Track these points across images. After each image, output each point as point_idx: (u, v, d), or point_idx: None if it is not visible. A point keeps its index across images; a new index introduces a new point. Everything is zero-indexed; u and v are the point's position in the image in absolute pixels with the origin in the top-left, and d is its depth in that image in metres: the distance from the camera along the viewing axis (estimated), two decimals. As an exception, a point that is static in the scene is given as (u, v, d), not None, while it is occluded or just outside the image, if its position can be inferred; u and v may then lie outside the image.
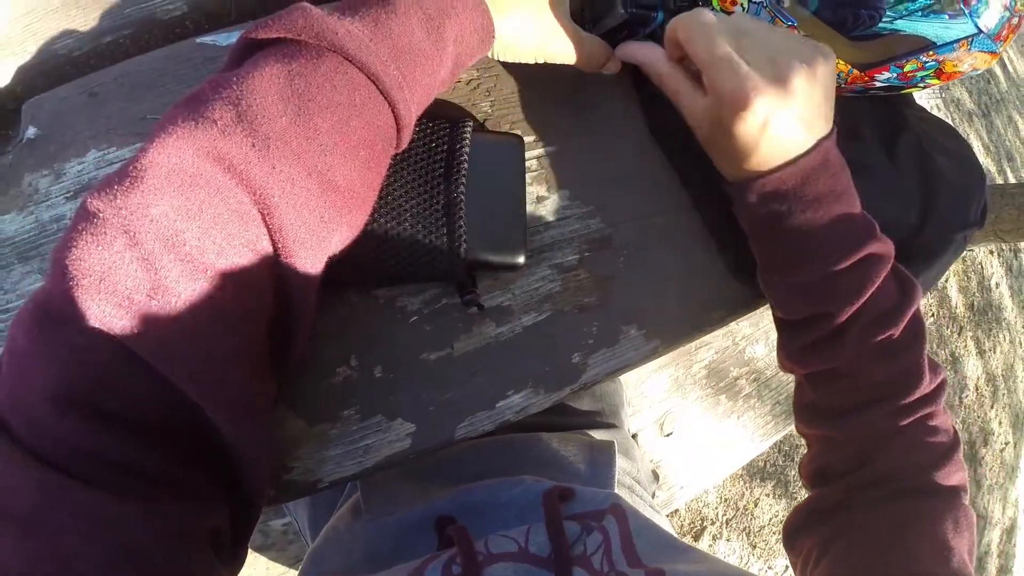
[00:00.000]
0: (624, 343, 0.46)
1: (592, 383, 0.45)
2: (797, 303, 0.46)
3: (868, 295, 0.43)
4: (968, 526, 0.43)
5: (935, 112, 0.98)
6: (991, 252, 3.41)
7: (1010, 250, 3.58)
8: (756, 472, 2.04)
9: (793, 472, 2.14)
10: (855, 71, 0.54)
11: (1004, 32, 0.52)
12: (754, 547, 1.96)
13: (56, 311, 0.25)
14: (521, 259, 0.40)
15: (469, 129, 0.39)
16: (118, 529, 0.25)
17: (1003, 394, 3.21)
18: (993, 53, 0.53)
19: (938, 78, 0.56)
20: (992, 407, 3.12)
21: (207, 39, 0.45)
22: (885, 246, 0.44)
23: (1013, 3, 0.51)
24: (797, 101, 0.39)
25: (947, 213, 0.62)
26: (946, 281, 3.05)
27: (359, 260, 0.36)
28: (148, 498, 0.26)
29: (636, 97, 0.52)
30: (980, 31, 0.50)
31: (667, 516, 1.74)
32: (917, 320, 0.45)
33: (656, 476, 0.83)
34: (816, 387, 0.49)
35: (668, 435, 1.05)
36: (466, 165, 0.38)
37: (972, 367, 3.07)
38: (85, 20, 0.47)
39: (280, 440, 0.40)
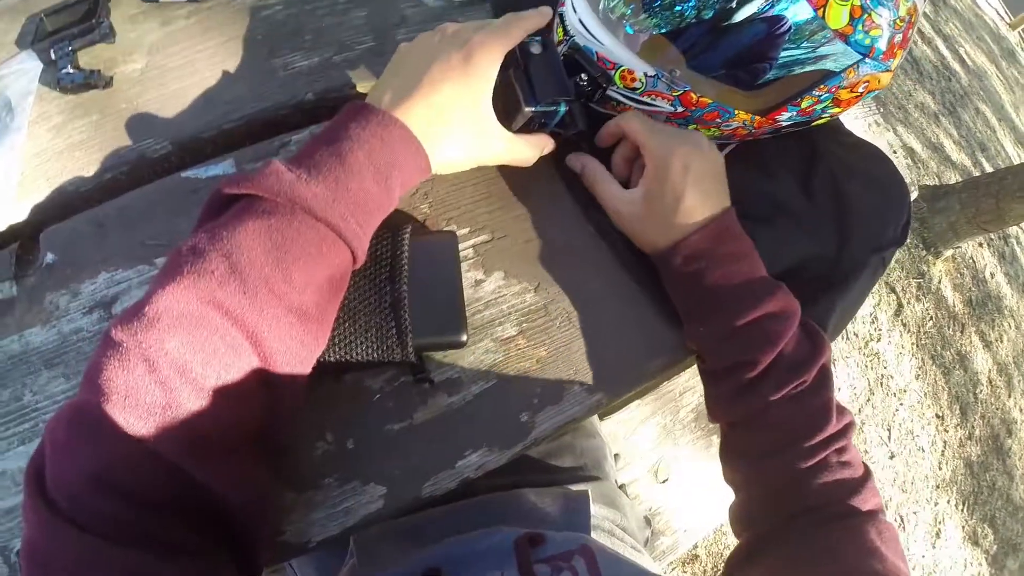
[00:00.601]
0: (568, 399, 0.56)
1: (543, 438, 0.55)
2: (722, 350, 0.56)
3: (782, 344, 0.54)
4: (892, 537, 0.51)
5: (876, 129, 1.05)
6: (980, 244, 3.51)
7: (999, 238, 3.68)
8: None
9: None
10: (757, 117, 0.62)
11: (892, 49, 0.58)
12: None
13: (91, 417, 0.34)
14: (463, 338, 0.50)
15: (407, 235, 0.50)
16: None
17: (1018, 381, 3.27)
18: (885, 71, 0.60)
19: (838, 106, 0.63)
20: (1010, 396, 3.18)
21: (190, 173, 0.57)
22: (792, 303, 0.56)
23: (894, 20, 0.56)
24: (706, 154, 0.58)
25: (862, 239, 0.69)
26: (939, 282, 3.13)
27: (326, 356, 0.47)
28: (168, 555, 0.35)
29: (560, 178, 0.63)
30: (864, 56, 0.57)
31: (684, 562, 1.79)
32: (826, 369, 0.56)
33: (648, 522, 0.90)
34: (737, 434, 0.59)
35: (664, 481, 1.11)
36: (406, 267, 0.48)
37: (981, 361, 3.13)
38: (87, 160, 0.59)
39: (274, 507, 0.49)
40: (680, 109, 0.61)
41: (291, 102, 0.62)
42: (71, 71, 0.59)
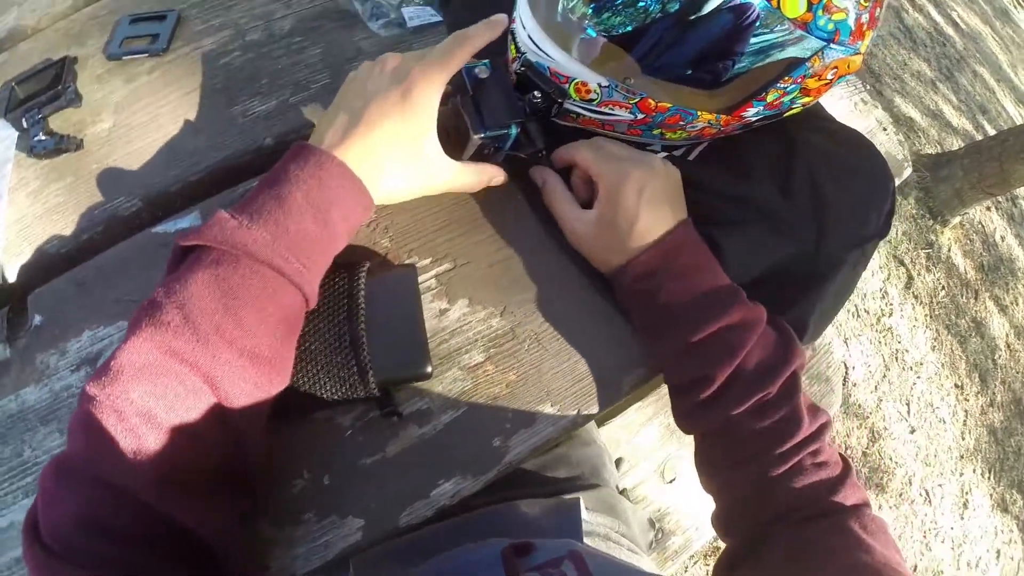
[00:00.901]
0: (541, 421, 0.56)
1: (518, 461, 0.55)
2: (680, 366, 0.56)
3: (740, 358, 0.53)
4: (880, 528, 0.50)
5: (862, 107, 1.02)
6: (987, 209, 3.43)
7: (1007, 200, 3.59)
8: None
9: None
10: (723, 116, 0.59)
11: (860, 30, 0.55)
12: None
13: (73, 467, 0.38)
14: (427, 369, 0.51)
15: (363, 273, 0.51)
16: None
17: (1038, 343, 3.17)
18: (855, 54, 0.57)
19: (808, 95, 0.60)
20: (1030, 359, 3.09)
21: (160, 228, 0.59)
22: (753, 312, 0.55)
23: (859, 0, 0.53)
24: (659, 174, 0.56)
25: (840, 236, 0.66)
26: (948, 251, 3.09)
27: (294, 397, 0.48)
28: None
29: (522, 197, 0.63)
30: (828, 42, 0.54)
31: (705, 554, 1.78)
32: (795, 376, 0.55)
33: (652, 524, 0.89)
34: (707, 445, 0.59)
35: (671, 481, 1.10)
36: (363, 305, 0.49)
37: (998, 327, 3.07)
38: (65, 223, 0.61)
39: (260, 544, 0.50)
40: (640, 116, 0.60)
41: (251, 148, 0.64)
42: (43, 138, 0.61)
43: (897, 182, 0.95)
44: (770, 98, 0.59)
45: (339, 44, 0.71)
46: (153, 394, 0.39)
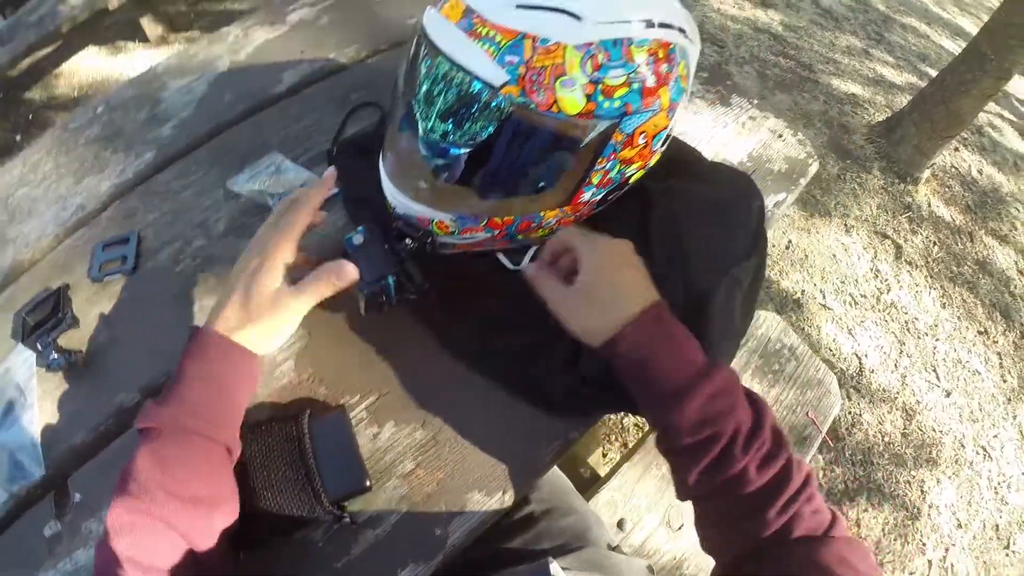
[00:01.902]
0: (473, 506, 0.75)
1: (461, 544, 0.73)
2: (692, 429, 0.64)
3: (740, 410, 0.63)
4: (864, 554, 0.59)
5: (751, 124, 1.12)
6: (956, 150, 3.55)
7: (972, 134, 3.70)
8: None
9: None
10: (565, 207, 0.72)
11: (653, 91, 0.61)
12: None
13: None
14: (367, 484, 0.71)
15: (305, 421, 0.72)
16: None
17: (1050, 259, 3.16)
18: (655, 113, 0.64)
19: (632, 163, 0.70)
20: (1048, 278, 3.07)
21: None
22: (730, 369, 0.66)
23: (633, 71, 0.58)
24: (626, 251, 0.71)
25: (704, 269, 0.76)
26: (928, 206, 3.21)
27: (271, 527, 0.70)
28: None
29: (417, 323, 0.83)
30: (619, 118, 0.61)
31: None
32: (777, 429, 0.64)
33: (651, 570, 1.04)
34: (713, 503, 0.67)
35: (679, 528, 1.21)
36: (309, 446, 0.70)
37: (1003, 258, 3.15)
38: (85, 420, 0.83)
39: None
40: (495, 233, 0.75)
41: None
42: (55, 356, 0.84)
43: (803, 181, 1.12)
44: (595, 180, 0.70)
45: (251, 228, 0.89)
46: (133, 545, 0.56)
